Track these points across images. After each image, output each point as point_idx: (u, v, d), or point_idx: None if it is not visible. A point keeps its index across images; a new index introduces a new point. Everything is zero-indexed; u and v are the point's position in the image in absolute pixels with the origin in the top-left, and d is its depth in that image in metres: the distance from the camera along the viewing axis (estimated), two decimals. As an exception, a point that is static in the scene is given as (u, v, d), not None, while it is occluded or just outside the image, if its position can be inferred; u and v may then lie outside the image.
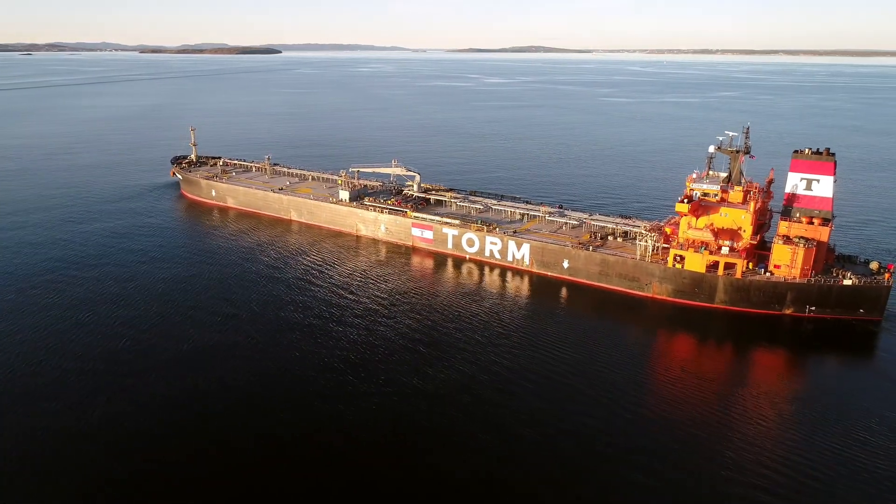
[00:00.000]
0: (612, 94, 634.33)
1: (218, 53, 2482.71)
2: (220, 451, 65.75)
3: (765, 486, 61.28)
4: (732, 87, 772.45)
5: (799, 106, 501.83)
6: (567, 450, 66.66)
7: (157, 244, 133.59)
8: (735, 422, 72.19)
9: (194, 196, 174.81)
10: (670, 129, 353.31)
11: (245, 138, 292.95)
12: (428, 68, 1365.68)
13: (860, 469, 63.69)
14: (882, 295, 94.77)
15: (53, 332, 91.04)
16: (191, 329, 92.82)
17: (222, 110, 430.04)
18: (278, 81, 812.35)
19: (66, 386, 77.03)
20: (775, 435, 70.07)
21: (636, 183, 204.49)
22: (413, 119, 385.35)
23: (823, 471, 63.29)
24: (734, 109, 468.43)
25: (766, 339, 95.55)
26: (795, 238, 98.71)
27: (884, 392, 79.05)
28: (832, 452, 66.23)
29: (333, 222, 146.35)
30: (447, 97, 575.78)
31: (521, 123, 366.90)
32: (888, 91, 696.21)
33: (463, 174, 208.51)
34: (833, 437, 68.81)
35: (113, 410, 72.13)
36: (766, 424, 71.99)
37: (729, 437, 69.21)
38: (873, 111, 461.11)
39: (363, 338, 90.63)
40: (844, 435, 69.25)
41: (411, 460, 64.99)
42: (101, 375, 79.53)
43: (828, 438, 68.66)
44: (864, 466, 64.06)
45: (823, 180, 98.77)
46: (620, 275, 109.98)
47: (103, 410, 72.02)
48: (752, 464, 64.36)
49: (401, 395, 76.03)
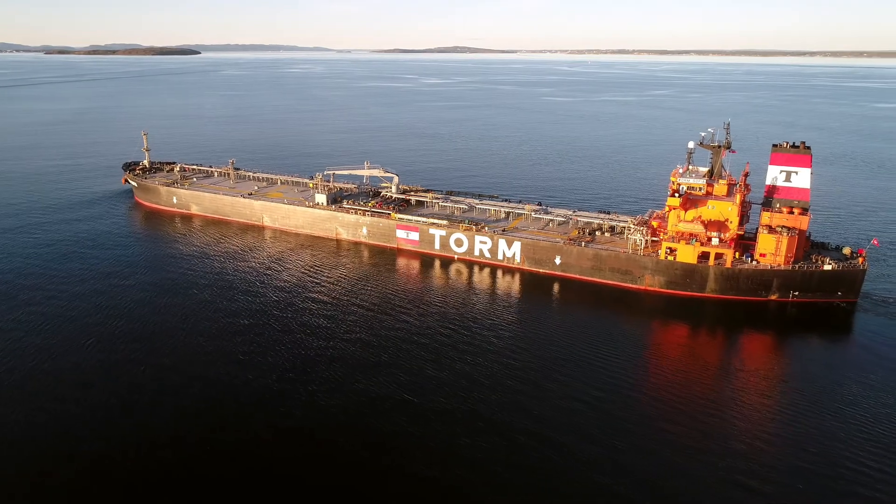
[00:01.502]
0: (552, 93, 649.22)
1: (132, 54, 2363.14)
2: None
3: (754, 456, 65.23)
4: (663, 85, 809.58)
5: (731, 104, 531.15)
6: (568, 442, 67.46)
7: (116, 256, 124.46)
8: (728, 400, 76.77)
9: (152, 204, 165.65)
10: (623, 127, 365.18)
11: (194, 143, 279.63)
12: (358, 69, 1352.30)
13: (841, 434, 68.76)
14: (858, 278, 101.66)
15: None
16: (177, 349, 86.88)
17: (163, 114, 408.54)
18: (208, 83, 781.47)
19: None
20: (766, 409, 75.05)
21: (609, 180, 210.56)
22: (367, 121, 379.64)
23: (810, 439, 67.82)
24: (674, 108, 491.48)
25: (755, 323, 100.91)
26: (778, 227, 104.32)
27: (864, 364, 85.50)
28: (818, 421, 71.17)
29: (311, 227, 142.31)
30: (392, 98, 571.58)
31: (478, 124, 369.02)
32: (801, 89, 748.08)
33: (436, 175, 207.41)
34: (819, 407, 74.21)
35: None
36: (757, 400, 77.00)
37: (722, 414, 73.41)
38: (797, 108, 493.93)
39: (366, 341, 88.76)
40: (830, 404, 74.88)
41: (412, 464, 63.79)
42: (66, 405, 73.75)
43: (815, 409, 73.94)
44: (846, 432, 69.13)
45: (801, 172, 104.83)
46: (613, 269, 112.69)
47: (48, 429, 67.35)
48: (743, 437, 68.55)
49: (416, 393, 74.95)
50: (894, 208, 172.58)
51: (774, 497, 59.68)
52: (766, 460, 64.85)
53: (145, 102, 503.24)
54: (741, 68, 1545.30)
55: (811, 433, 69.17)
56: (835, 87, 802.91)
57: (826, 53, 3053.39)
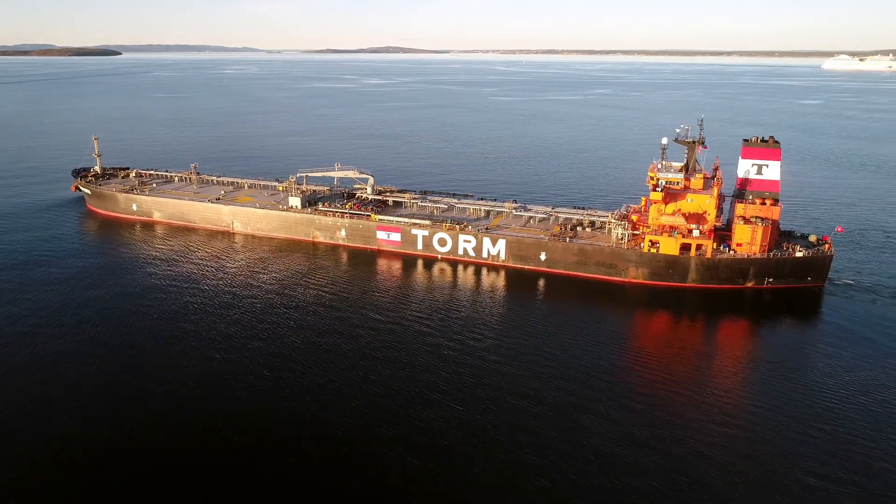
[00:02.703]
0: (497, 93, 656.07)
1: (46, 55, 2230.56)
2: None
3: (731, 430, 69.68)
4: (601, 84, 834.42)
5: (671, 101, 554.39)
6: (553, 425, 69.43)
7: (73, 268, 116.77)
8: (709, 381, 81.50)
9: (107, 212, 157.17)
10: (579, 125, 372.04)
11: (144, 147, 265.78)
12: (295, 69, 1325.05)
13: (811, 405, 74.29)
14: (826, 263, 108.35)
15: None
16: (155, 362, 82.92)
17: (104, 118, 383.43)
18: (140, 86, 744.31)
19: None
20: (743, 387, 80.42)
21: (579, 177, 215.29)
22: (322, 122, 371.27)
23: (781, 411, 72.89)
24: (619, 106, 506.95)
25: (733, 310, 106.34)
26: (752, 218, 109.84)
27: (832, 342, 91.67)
28: (789, 395, 76.40)
29: (285, 231, 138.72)
30: (339, 98, 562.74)
31: (436, 124, 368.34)
32: (730, 87, 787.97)
33: (407, 176, 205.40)
34: (791, 383, 79.68)
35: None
36: (736, 380, 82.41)
37: (703, 393, 77.82)
38: (733, 105, 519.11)
39: (357, 342, 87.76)
40: (802, 380, 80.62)
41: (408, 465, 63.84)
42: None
43: (788, 384, 79.31)
44: (814, 403, 74.75)
45: (772, 165, 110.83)
46: (598, 263, 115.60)
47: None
48: (720, 414, 72.70)
49: (423, 401, 74.73)
50: (845, 196, 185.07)
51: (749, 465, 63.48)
52: (742, 430, 69.64)
53: (81, 106, 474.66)
54: (668, 67, 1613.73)
55: (785, 404, 74.43)
56: (760, 84, 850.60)
57: (742, 53, 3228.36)
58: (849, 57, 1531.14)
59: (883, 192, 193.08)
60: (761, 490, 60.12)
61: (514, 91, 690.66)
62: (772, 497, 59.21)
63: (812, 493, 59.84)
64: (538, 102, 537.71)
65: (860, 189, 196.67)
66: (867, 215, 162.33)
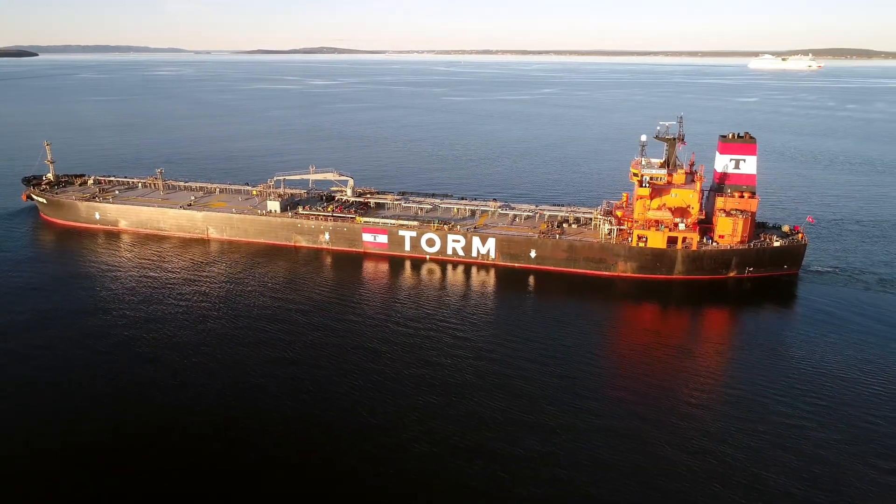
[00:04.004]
0: (448, 93, 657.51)
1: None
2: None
3: (713, 410, 74.02)
4: (547, 84, 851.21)
5: (618, 100, 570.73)
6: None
7: (35, 284, 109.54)
8: (694, 367, 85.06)
9: (66, 221, 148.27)
10: (539, 124, 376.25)
11: (95, 153, 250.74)
12: (231, 71, 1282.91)
13: (790, 384, 78.90)
14: (801, 252, 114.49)
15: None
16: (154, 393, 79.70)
17: (40, 123, 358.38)
18: (68, 88, 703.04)
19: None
20: (726, 371, 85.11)
21: (554, 175, 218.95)
22: (279, 125, 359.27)
23: (765, 394, 77.01)
24: (571, 105, 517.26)
25: (717, 299, 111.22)
26: (732, 210, 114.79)
27: (807, 324, 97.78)
28: (769, 377, 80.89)
29: (265, 236, 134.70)
30: (290, 100, 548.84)
31: (397, 125, 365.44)
32: (667, 86, 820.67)
33: (382, 177, 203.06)
34: (771, 365, 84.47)
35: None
36: (721, 361, 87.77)
37: (686, 379, 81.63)
38: (676, 103, 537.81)
39: (354, 344, 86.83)
40: (782, 362, 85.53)
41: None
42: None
43: (769, 367, 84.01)
44: (793, 382, 79.46)
45: (749, 160, 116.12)
46: (587, 258, 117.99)
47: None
48: (703, 398, 76.75)
49: (430, 409, 74.89)
50: (804, 188, 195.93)
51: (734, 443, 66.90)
52: (724, 410, 73.95)
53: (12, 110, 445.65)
54: (602, 67, 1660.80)
55: (765, 384, 79.08)
56: (694, 83, 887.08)
57: (667, 53, 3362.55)
58: (772, 57, 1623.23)
59: (842, 184, 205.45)
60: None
61: (464, 91, 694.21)
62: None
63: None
64: (492, 102, 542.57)
65: (818, 182, 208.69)
66: (826, 207, 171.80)
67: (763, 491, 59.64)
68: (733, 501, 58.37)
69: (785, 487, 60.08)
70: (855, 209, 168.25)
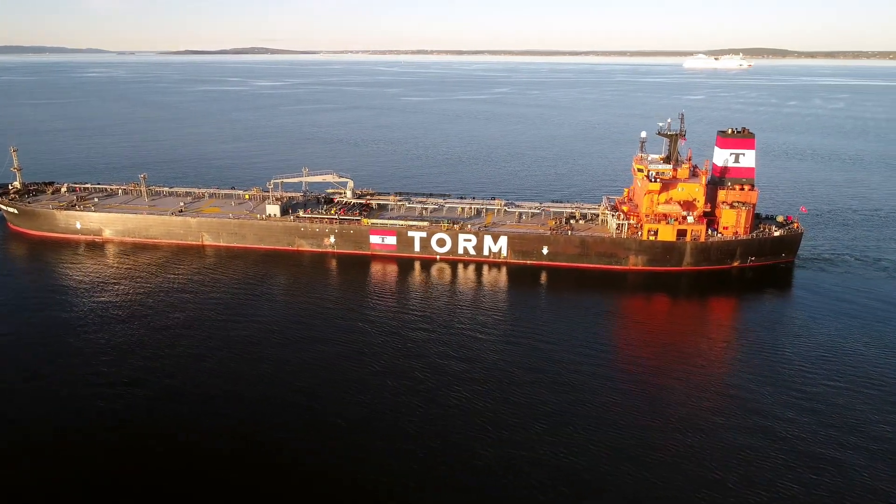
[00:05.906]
0: (404, 93, 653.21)
1: None
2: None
3: (718, 390, 78.16)
4: (497, 84, 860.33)
5: (575, 99, 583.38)
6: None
7: (9, 300, 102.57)
8: (701, 351, 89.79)
9: (39, 231, 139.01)
10: (512, 124, 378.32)
11: (55, 160, 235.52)
12: (166, 71, 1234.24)
13: (790, 365, 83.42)
14: (798, 241, 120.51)
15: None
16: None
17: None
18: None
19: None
20: (738, 350, 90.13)
21: (548, 172, 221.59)
22: (245, 128, 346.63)
23: (763, 373, 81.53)
24: (531, 104, 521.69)
25: (722, 288, 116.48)
26: (735, 203, 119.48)
27: (804, 307, 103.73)
28: (770, 360, 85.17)
29: (265, 242, 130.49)
30: (245, 102, 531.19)
31: (367, 125, 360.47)
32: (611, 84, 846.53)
33: (371, 178, 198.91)
34: (777, 342, 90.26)
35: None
36: (730, 344, 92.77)
37: (692, 364, 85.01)
38: (631, 101, 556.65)
39: (378, 349, 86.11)
40: (784, 338, 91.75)
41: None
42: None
43: (774, 344, 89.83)
44: (796, 358, 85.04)
45: (748, 154, 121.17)
46: (599, 253, 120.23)
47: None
48: (707, 382, 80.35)
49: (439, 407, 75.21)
50: (790, 180, 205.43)
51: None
52: (733, 391, 77.76)
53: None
54: (542, 67, 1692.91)
55: (771, 362, 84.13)
56: (638, 82, 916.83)
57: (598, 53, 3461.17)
58: (705, 56, 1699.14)
59: (819, 175, 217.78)
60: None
61: (419, 91, 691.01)
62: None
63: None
64: (453, 102, 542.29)
65: (799, 173, 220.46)
66: (809, 198, 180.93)
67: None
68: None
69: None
70: (836, 198, 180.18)
